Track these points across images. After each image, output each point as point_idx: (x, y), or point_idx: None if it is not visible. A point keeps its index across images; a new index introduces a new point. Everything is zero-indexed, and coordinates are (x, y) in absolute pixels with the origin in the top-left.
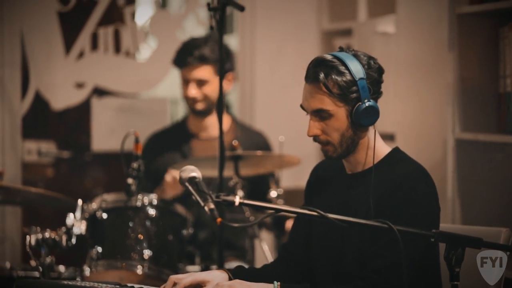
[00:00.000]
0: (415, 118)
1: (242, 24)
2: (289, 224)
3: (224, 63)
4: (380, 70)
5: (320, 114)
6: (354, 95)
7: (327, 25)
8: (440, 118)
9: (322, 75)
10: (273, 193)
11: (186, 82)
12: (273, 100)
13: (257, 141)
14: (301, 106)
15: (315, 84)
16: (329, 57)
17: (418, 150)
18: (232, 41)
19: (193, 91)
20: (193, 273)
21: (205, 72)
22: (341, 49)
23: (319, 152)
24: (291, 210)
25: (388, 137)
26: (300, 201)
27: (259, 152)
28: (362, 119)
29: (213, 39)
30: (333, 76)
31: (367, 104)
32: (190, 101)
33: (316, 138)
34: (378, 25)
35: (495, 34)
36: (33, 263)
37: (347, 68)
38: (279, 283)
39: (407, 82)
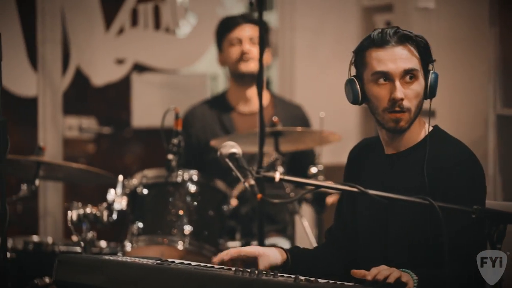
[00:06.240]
0: (456, 95)
1: (282, 0)
2: (329, 200)
3: (264, 38)
4: None
5: (408, 75)
6: (430, 65)
7: (367, 1)
8: (480, 95)
9: (412, 35)
10: (313, 169)
11: (238, 41)
12: (313, 77)
13: (295, 114)
14: (381, 73)
15: (403, 45)
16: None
17: (458, 127)
18: (271, 17)
19: (247, 46)
20: (253, 246)
21: (255, 32)
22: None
23: (359, 129)
24: (331, 186)
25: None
26: (340, 177)
27: (299, 128)
28: (435, 89)
29: (249, 16)
30: (417, 39)
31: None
32: (242, 60)
33: (399, 104)
34: (419, 0)
35: None
36: (74, 238)
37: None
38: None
39: (448, 58)
